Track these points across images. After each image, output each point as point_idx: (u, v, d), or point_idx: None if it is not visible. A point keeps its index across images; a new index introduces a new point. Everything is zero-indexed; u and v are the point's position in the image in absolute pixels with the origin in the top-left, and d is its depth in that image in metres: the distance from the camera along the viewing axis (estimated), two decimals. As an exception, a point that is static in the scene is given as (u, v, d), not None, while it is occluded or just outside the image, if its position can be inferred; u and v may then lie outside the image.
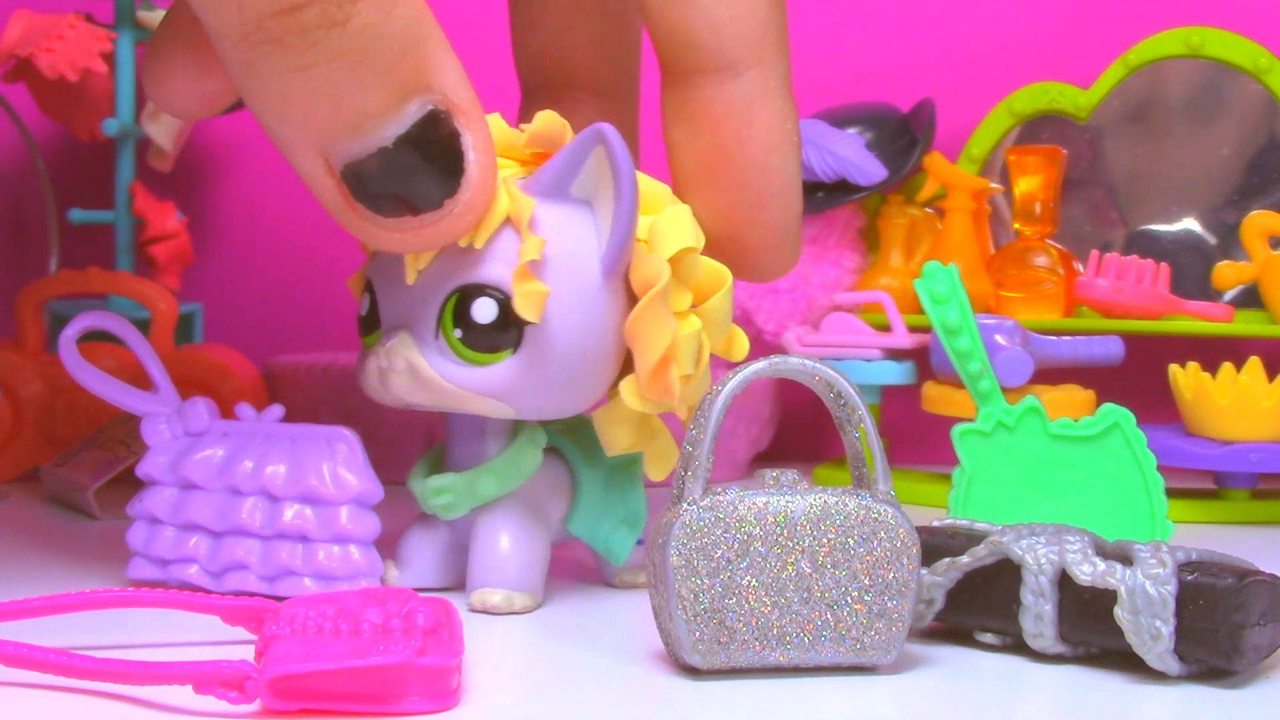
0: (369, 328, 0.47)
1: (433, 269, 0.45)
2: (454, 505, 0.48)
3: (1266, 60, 0.73)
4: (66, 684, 0.37)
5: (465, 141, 0.41)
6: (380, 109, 0.40)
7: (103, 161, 0.78)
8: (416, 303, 0.45)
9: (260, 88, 0.40)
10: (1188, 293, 0.72)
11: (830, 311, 0.72)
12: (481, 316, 0.45)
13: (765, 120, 0.47)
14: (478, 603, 0.47)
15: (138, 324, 0.52)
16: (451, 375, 0.45)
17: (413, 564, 0.49)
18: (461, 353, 0.45)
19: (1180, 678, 0.40)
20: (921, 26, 0.80)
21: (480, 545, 0.48)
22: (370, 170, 0.40)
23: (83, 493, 0.60)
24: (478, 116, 0.41)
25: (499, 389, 0.45)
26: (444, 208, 0.42)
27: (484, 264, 0.44)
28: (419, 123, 0.40)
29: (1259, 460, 0.63)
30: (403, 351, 0.45)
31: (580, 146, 0.45)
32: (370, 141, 0.40)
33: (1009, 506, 0.55)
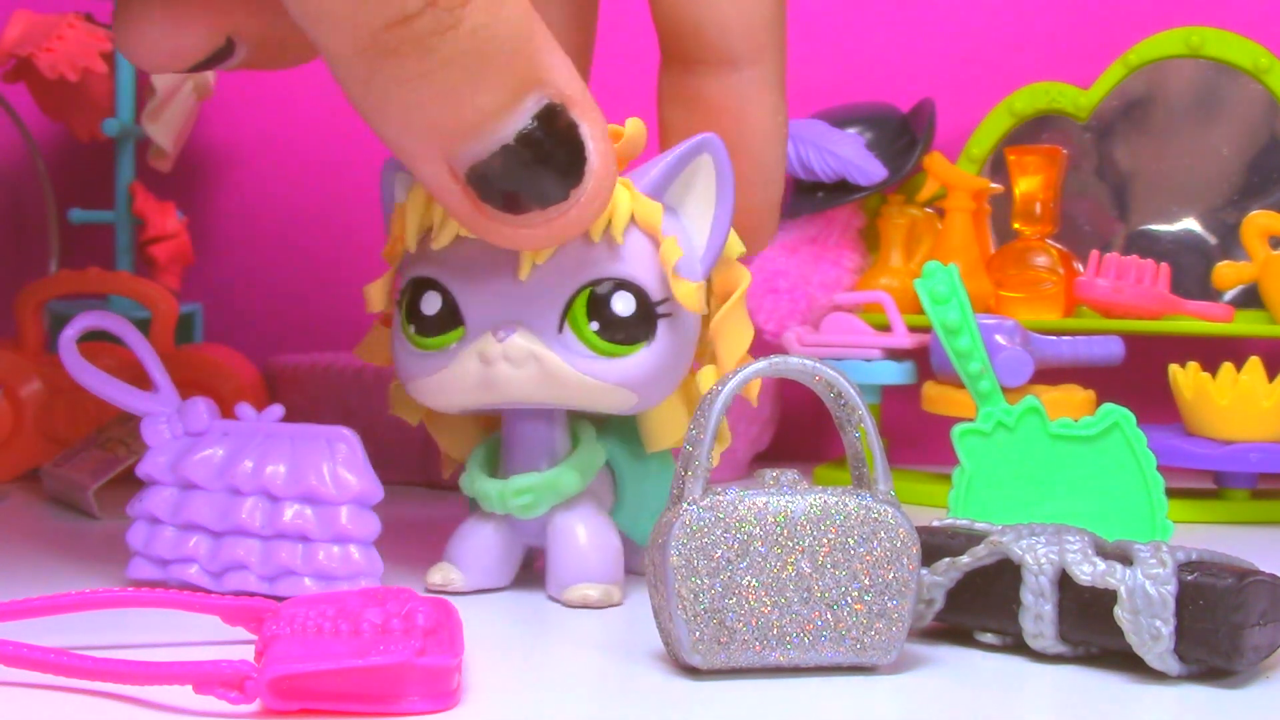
0: (442, 327, 0.47)
1: (554, 265, 0.45)
2: (536, 504, 0.48)
3: (1266, 60, 0.73)
4: (66, 684, 0.37)
5: (583, 131, 0.42)
6: (499, 108, 0.40)
7: (103, 161, 0.78)
8: (531, 298, 0.46)
9: (381, 100, 0.40)
10: (1188, 293, 0.72)
11: (830, 311, 0.72)
12: (622, 309, 0.46)
13: (760, 113, 0.49)
14: (577, 599, 0.47)
15: (138, 324, 0.52)
16: (584, 368, 0.46)
17: (476, 566, 0.49)
18: (596, 345, 0.46)
19: (1180, 678, 0.40)
20: (921, 26, 0.80)
21: (566, 542, 0.48)
22: (495, 169, 0.41)
23: (83, 493, 0.60)
24: (591, 106, 0.42)
25: (635, 379, 0.46)
26: (570, 199, 0.42)
27: (620, 259, 0.46)
28: (537, 117, 0.41)
29: (1259, 460, 0.63)
30: (526, 346, 0.45)
31: (686, 155, 0.47)
32: (492, 141, 0.41)
33: (1009, 506, 0.55)
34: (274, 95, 0.82)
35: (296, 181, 0.82)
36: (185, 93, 0.74)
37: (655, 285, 0.47)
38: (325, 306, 0.82)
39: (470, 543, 0.49)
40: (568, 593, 0.48)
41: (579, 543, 0.48)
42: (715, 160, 0.47)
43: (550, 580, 0.48)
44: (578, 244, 0.45)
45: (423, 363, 0.47)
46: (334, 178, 0.82)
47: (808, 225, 0.74)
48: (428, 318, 0.47)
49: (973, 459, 0.56)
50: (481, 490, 0.48)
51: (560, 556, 0.48)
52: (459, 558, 0.49)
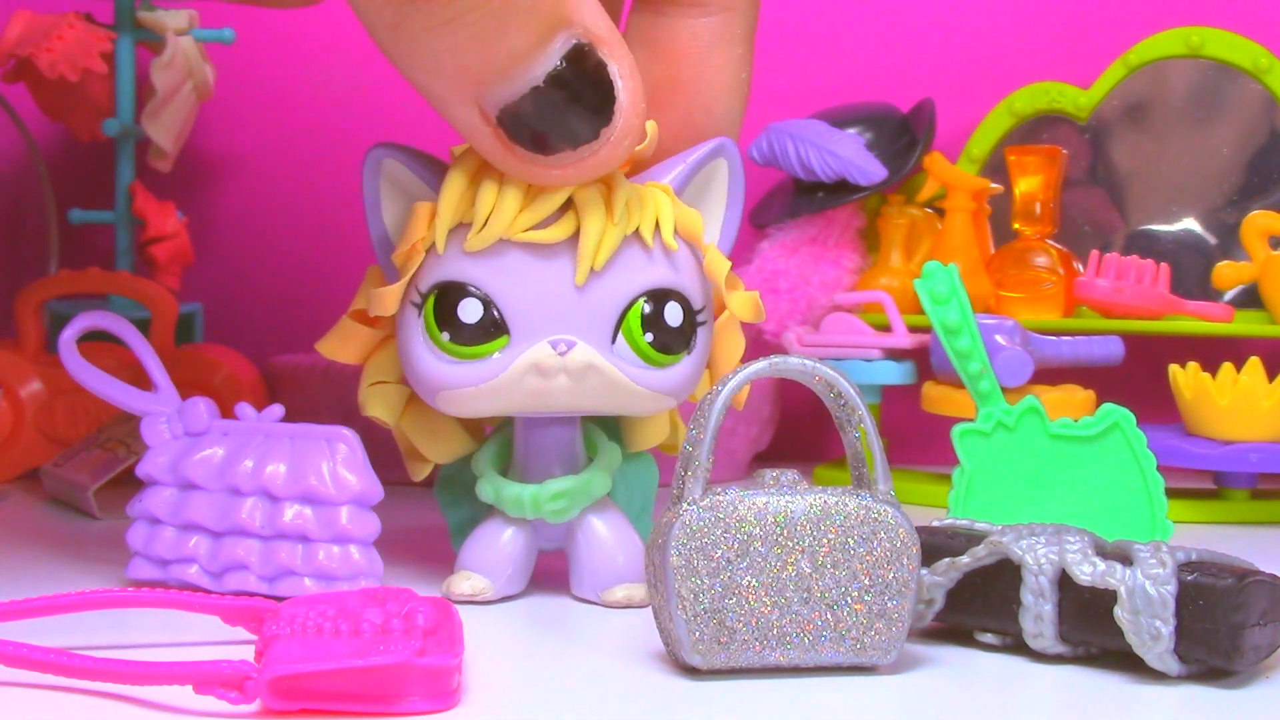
0: (484, 336, 0.45)
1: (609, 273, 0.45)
2: (570, 508, 0.48)
3: (1266, 60, 0.73)
4: (66, 684, 0.37)
5: (612, 70, 0.42)
6: (527, 49, 0.41)
7: (103, 161, 0.78)
8: (584, 308, 0.45)
9: (410, 47, 0.41)
10: (1188, 293, 0.72)
11: (830, 311, 0.72)
12: (674, 320, 0.46)
13: (723, 61, 0.49)
14: (621, 599, 0.48)
15: (138, 324, 0.52)
16: (638, 378, 0.46)
17: (502, 573, 0.48)
18: (649, 356, 0.46)
19: (1180, 678, 0.40)
20: (921, 26, 0.80)
21: (599, 544, 0.48)
22: (525, 110, 0.42)
23: (83, 493, 0.60)
24: (619, 44, 0.42)
25: (678, 387, 0.47)
26: (601, 137, 0.43)
27: (667, 269, 0.46)
28: (566, 57, 0.41)
29: (1259, 460, 0.63)
30: (586, 358, 0.45)
31: (705, 158, 0.48)
32: (522, 83, 0.41)
33: (1009, 506, 0.55)
34: (274, 96, 0.82)
35: (296, 182, 0.82)
36: (185, 93, 0.74)
37: (697, 294, 0.47)
38: (325, 306, 0.82)
39: (495, 550, 0.48)
40: (609, 594, 0.48)
41: (611, 543, 0.48)
42: (729, 164, 0.48)
43: (583, 582, 0.48)
44: (630, 253, 0.45)
45: (458, 371, 0.46)
46: (334, 178, 0.82)
47: (808, 225, 0.74)
48: (467, 325, 0.45)
49: (973, 459, 0.56)
50: (512, 496, 0.47)
51: (594, 558, 0.48)
52: (485, 566, 0.48)
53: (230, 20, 0.77)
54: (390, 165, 0.47)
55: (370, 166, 0.47)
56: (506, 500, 0.47)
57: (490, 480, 0.48)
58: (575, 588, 0.49)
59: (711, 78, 0.49)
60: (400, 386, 0.49)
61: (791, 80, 0.80)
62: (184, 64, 0.73)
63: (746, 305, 0.48)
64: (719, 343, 0.49)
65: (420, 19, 0.40)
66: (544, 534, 0.49)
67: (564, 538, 0.49)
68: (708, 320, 0.47)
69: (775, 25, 0.80)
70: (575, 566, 0.48)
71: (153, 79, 0.72)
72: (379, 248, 0.48)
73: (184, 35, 0.73)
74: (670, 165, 0.48)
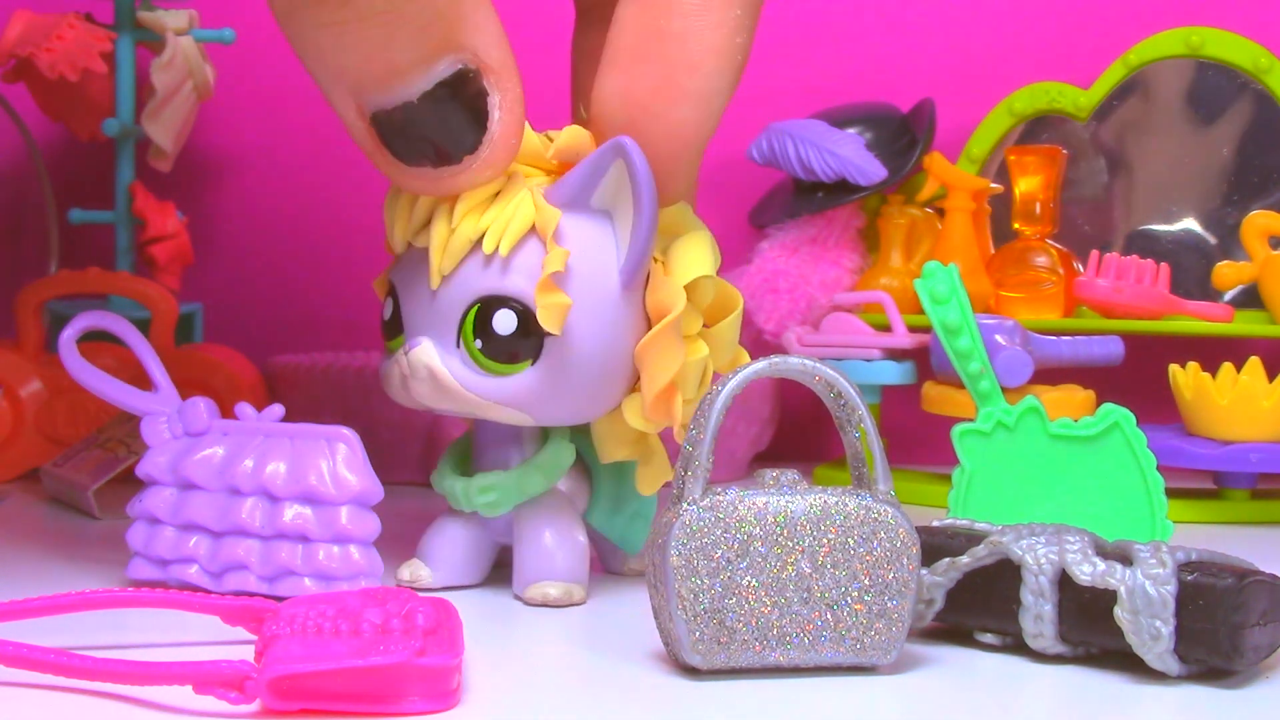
0: (392, 332, 0.48)
1: (456, 277, 0.46)
2: (500, 503, 0.48)
3: (1266, 60, 0.73)
4: (66, 684, 0.37)
5: (492, 101, 0.43)
6: (409, 66, 0.42)
7: (103, 161, 0.78)
8: (439, 310, 0.46)
9: (298, 36, 0.42)
10: (1188, 293, 0.72)
11: (830, 311, 0.72)
12: (502, 328, 0.45)
13: (719, 18, 0.45)
14: (537, 596, 0.48)
15: (138, 324, 0.52)
16: (471, 384, 0.46)
17: (445, 563, 0.49)
18: (481, 362, 0.46)
19: (1180, 678, 0.40)
20: (921, 26, 0.80)
21: (529, 541, 0.48)
22: (396, 120, 0.43)
23: (83, 493, 0.60)
24: (509, 76, 0.43)
25: (518, 399, 0.46)
26: (463, 163, 0.43)
27: (506, 275, 0.45)
28: (446, 81, 0.42)
29: (1259, 460, 0.63)
30: (424, 359, 0.46)
31: (600, 158, 0.45)
32: (397, 95, 0.42)
33: (1009, 506, 0.55)
34: (274, 96, 0.82)
35: (296, 181, 0.82)
36: (185, 93, 0.74)
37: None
38: (325, 306, 0.82)
39: (439, 540, 0.50)
40: (529, 590, 0.48)
41: (543, 541, 0.48)
42: (629, 162, 0.44)
43: (515, 578, 0.49)
44: (475, 259, 0.45)
45: (386, 365, 0.49)
46: (334, 178, 0.82)
47: (808, 225, 0.74)
48: (385, 322, 0.48)
49: (973, 459, 0.56)
50: (448, 488, 0.49)
51: (524, 554, 0.49)
52: (428, 554, 0.50)
53: (230, 20, 0.77)
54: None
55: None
56: (447, 492, 0.49)
57: (440, 471, 0.50)
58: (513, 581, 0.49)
59: (702, 34, 0.45)
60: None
61: (791, 80, 0.80)
62: (184, 64, 0.73)
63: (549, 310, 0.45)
64: (646, 357, 0.46)
65: (309, 15, 0.41)
66: (492, 528, 0.50)
67: (508, 532, 0.49)
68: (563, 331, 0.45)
69: (775, 25, 0.80)
70: (513, 562, 0.49)
71: (153, 79, 0.72)
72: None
73: (184, 35, 0.73)
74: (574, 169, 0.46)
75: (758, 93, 0.80)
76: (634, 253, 0.45)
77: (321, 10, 0.41)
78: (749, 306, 0.73)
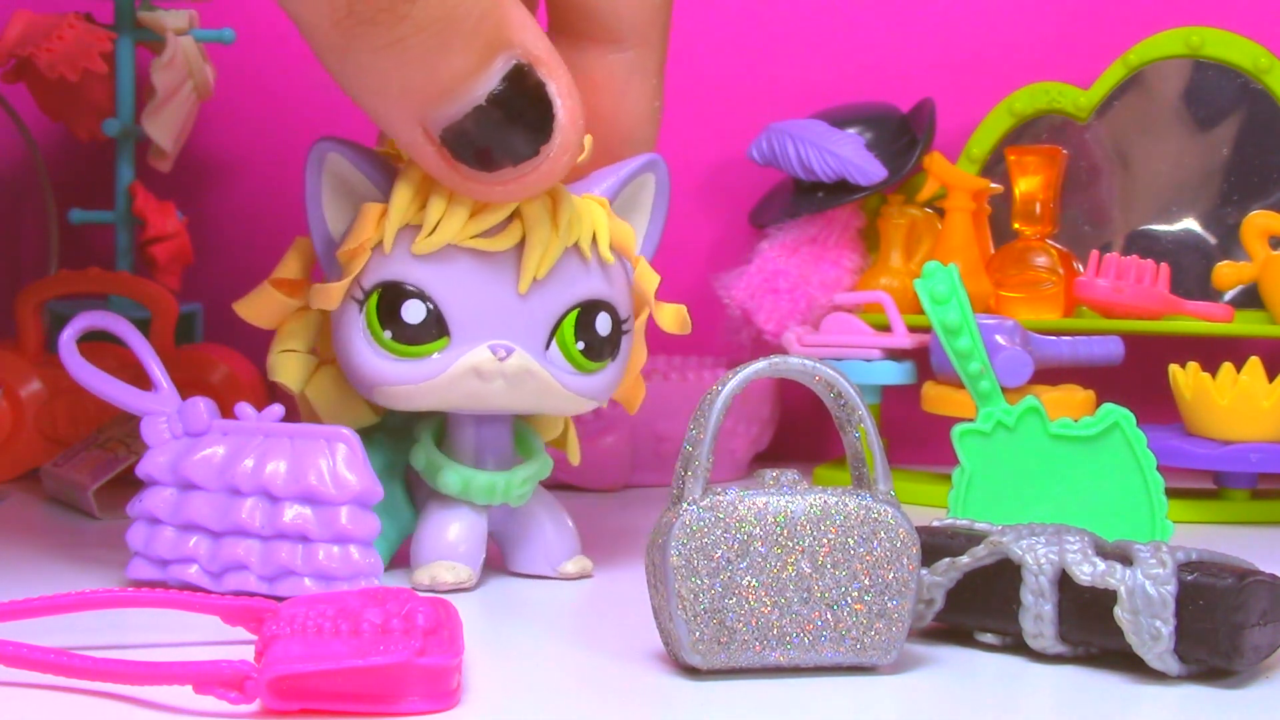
0: (426, 336, 0.47)
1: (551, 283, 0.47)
2: (530, 493, 0.51)
3: (1266, 60, 0.73)
4: (66, 684, 0.37)
5: (551, 89, 0.44)
6: (470, 70, 0.43)
7: (103, 161, 0.78)
8: (523, 316, 0.47)
9: (357, 68, 0.42)
10: (1188, 293, 0.72)
11: (830, 311, 0.72)
12: (604, 329, 0.48)
13: (639, 94, 0.52)
14: (576, 570, 0.51)
15: (138, 324, 0.52)
16: (568, 383, 0.48)
17: (476, 559, 0.50)
18: (579, 363, 0.48)
19: (1180, 678, 0.40)
20: (921, 26, 0.80)
21: (549, 522, 0.51)
22: (468, 129, 0.43)
23: (83, 493, 0.60)
24: (558, 65, 0.44)
25: (601, 392, 0.50)
26: (540, 154, 0.44)
27: (600, 280, 0.48)
28: (506, 78, 0.43)
29: (1259, 460, 0.63)
30: (524, 365, 0.47)
31: (636, 170, 0.51)
32: (465, 102, 0.43)
33: (1009, 506, 0.55)
34: (274, 96, 0.82)
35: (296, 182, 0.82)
36: (185, 93, 0.74)
37: (624, 304, 0.49)
38: (325, 306, 0.82)
39: (468, 538, 0.50)
40: (564, 567, 0.51)
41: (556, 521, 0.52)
42: (658, 179, 0.51)
43: (534, 559, 0.51)
44: (567, 264, 0.48)
45: (398, 368, 0.47)
46: (334, 178, 0.82)
47: (808, 225, 0.74)
48: (410, 326, 0.47)
49: (973, 459, 0.56)
50: (483, 484, 0.49)
51: (545, 536, 0.51)
52: (459, 554, 0.49)
53: (230, 20, 0.77)
54: (334, 160, 0.49)
55: (314, 160, 0.49)
56: (477, 489, 0.49)
57: (456, 471, 0.49)
58: (524, 565, 0.51)
59: (629, 108, 0.51)
60: (308, 356, 0.51)
61: (791, 80, 0.80)
62: (184, 64, 0.73)
63: (673, 318, 0.51)
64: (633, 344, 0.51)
65: (367, 40, 0.41)
66: (493, 518, 0.51)
67: (502, 521, 0.51)
68: (630, 329, 0.50)
69: (775, 25, 0.80)
70: (524, 546, 0.51)
71: (153, 79, 0.72)
72: (318, 239, 0.49)
73: (184, 35, 0.73)
74: (603, 176, 0.50)
75: (758, 93, 0.80)
76: (647, 252, 0.51)
77: (379, 32, 0.41)
78: (749, 306, 0.73)
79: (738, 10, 0.80)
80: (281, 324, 0.51)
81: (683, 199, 0.79)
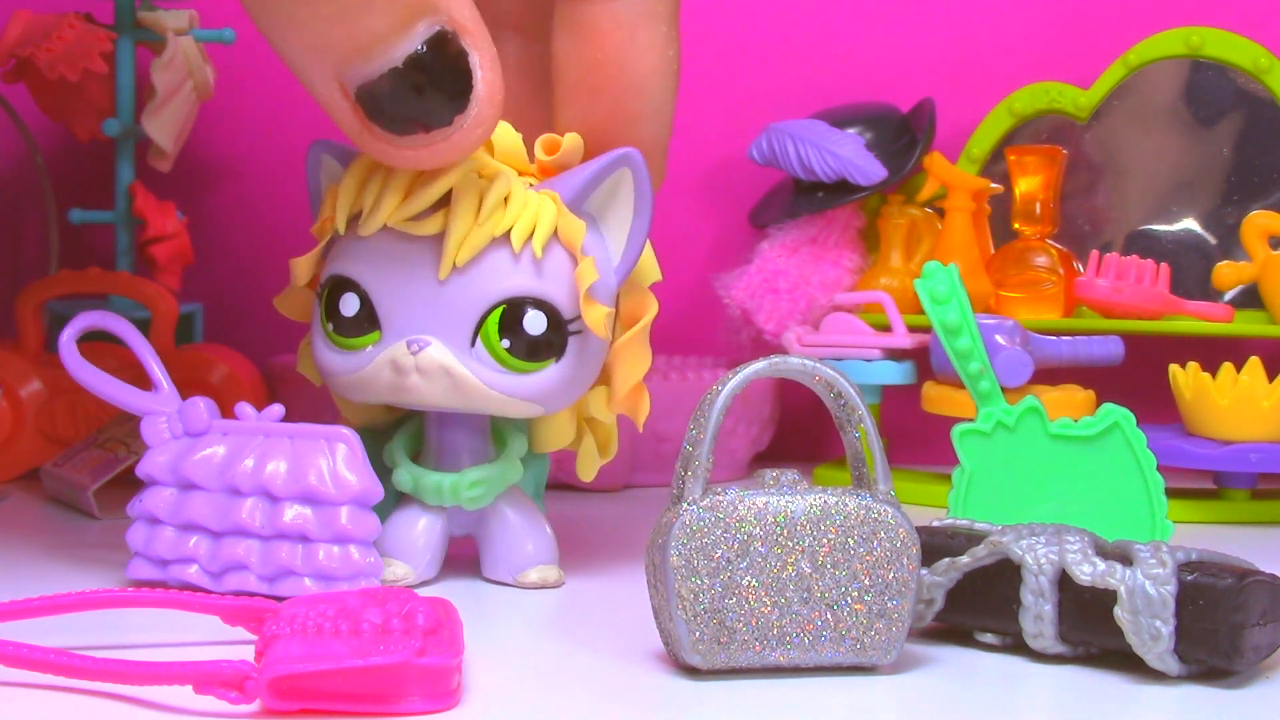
0: (360, 329, 0.48)
1: (473, 274, 0.46)
2: (487, 494, 0.49)
3: (1266, 60, 0.73)
4: (66, 684, 0.37)
5: (473, 60, 0.43)
6: (389, 30, 0.42)
7: (103, 161, 0.78)
8: (449, 307, 0.47)
9: (279, 20, 0.42)
10: (1188, 293, 0.72)
11: (830, 311, 0.72)
12: (534, 328, 0.47)
13: (648, 41, 0.49)
14: (538, 579, 0.50)
15: (138, 324, 0.52)
16: (493, 382, 0.47)
17: (421, 559, 0.50)
18: (507, 361, 0.47)
19: (1180, 678, 0.40)
20: (921, 26, 0.80)
21: (518, 528, 0.50)
22: (383, 90, 0.43)
23: (83, 493, 0.60)
24: (483, 37, 0.43)
25: (541, 394, 0.47)
26: (454, 124, 0.44)
27: (536, 275, 0.47)
28: (427, 42, 0.42)
29: (1259, 460, 0.63)
30: (440, 361, 0.47)
31: (606, 167, 0.48)
32: (381, 62, 0.42)
33: (1009, 506, 0.55)
34: (274, 96, 0.82)
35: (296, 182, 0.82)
36: (185, 93, 0.74)
37: (568, 303, 0.47)
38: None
39: (413, 536, 0.50)
40: (523, 576, 0.50)
41: (522, 528, 0.50)
42: (635, 174, 0.48)
43: (497, 566, 0.50)
44: (496, 256, 0.47)
45: (340, 360, 0.48)
46: (334, 178, 0.82)
47: (808, 225, 0.74)
48: (346, 319, 0.48)
49: (973, 459, 0.56)
50: (431, 484, 0.49)
51: (508, 543, 0.50)
52: (404, 552, 0.50)
53: (230, 20, 0.77)
54: (328, 161, 0.49)
55: (311, 163, 0.50)
56: (426, 488, 0.49)
57: (407, 469, 0.50)
58: (489, 571, 0.51)
59: (638, 59, 0.49)
60: None
61: (791, 80, 0.80)
62: (184, 64, 0.73)
63: (598, 321, 0.47)
64: (619, 359, 0.49)
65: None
66: (456, 520, 0.50)
67: (474, 523, 0.50)
68: (584, 330, 0.47)
69: (775, 25, 0.80)
70: (488, 551, 0.51)
71: (153, 79, 0.72)
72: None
73: (184, 35, 0.73)
74: (569, 176, 0.48)
75: (758, 93, 0.80)
76: (630, 255, 0.48)
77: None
78: (749, 306, 0.73)
79: (738, 10, 0.80)
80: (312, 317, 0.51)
81: (683, 199, 0.79)
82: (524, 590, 0.50)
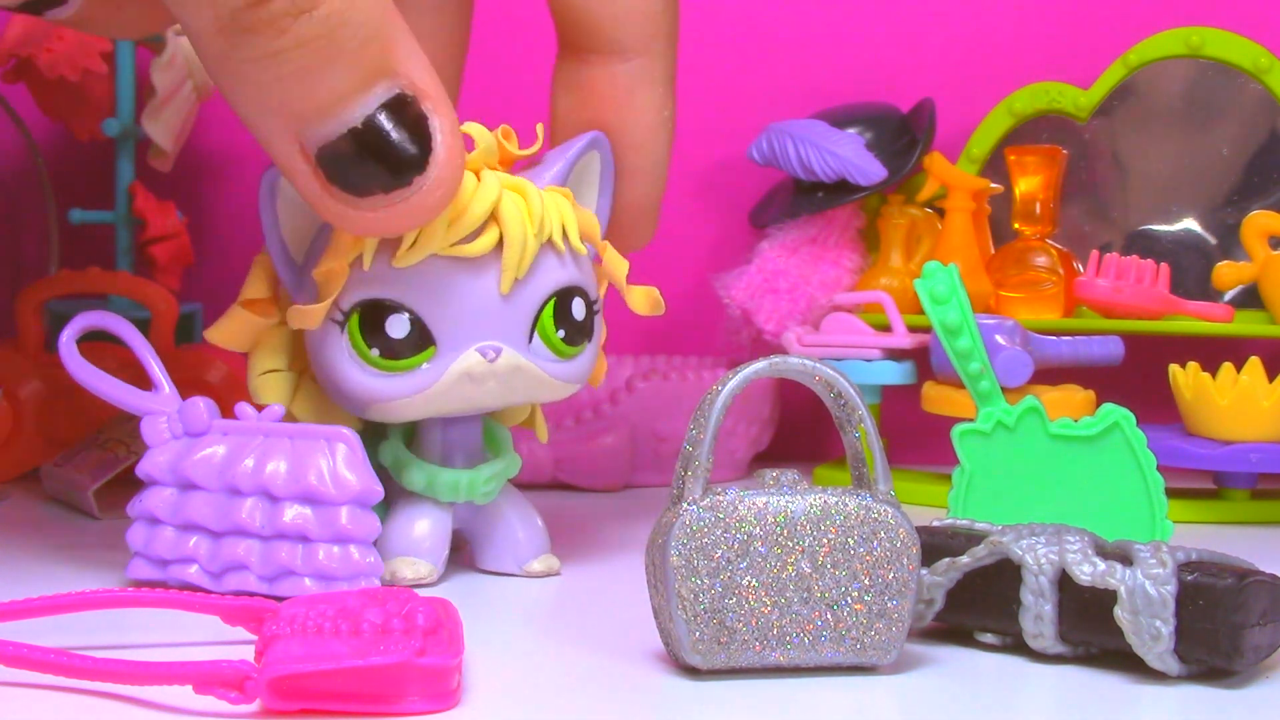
0: (415, 348, 0.47)
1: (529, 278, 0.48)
2: (496, 490, 0.51)
3: (1266, 60, 0.73)
4: (66, 684, 0.37)
5: (433, 124, 0.43)
6: (350, 90, 0.42)
7: (103, 161, 0.78)
8: (510, 312, 0.48)
9: (236, 76, 0.42)
10: (1188, 293, 0.72)
11: (830, 311, 0.72)
12: (579, 314, 0.49)
13: (646, 104, 0.52)
14: (543, 568, 0.51)
15: (138, 324, 0.52)
16: (553, 371, 0.49)
17: (439, 555, 0.50)
18: (560, 349, 0.49)
19: (1180, 678, 0.40)
20: (921, 26, 0.80)
21: (516, 519, 0.52)
22: (343, 151, 0.43)
23: (83, 493, 0.60)
24: (444, 102, 0.44)
25: (581, 373, 0.50)
26: (413, 185, 0.44)
27: (570, 268, 0.49)
28: (387, 104, 0.43)
29: (1259, 460, 0.63)
30: (512, 361, 0.48)
31: (579, 151, 0.51)
32: (341, 123, 0.42)
33: (1009, 506, 0.55)
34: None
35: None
36: (185, 93, 0.74)
37: (593, 287, 0.50)
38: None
39: (430, 534, 0.50)
40: (534, 564, 0.51)
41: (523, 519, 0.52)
42: (602, 157, 0.51)
43: (503, 558, 0.51)
44: (544, 257, 0.48)
45: (390, 384, 0.48)
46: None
47: (808, 225, 0.74)
48: (395, 340, 0.47)
49: (973, 459, 0.56)
50: (447, 482, 0.50)
51: (510, 534, 0.51)
52: (424, 550, 0.50)
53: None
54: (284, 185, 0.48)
55: (266, 190, 0.48)
56: (442, 486, 0.50)
57: (421, 468, 0.50)
58: (490, 563, 0.52)
59: (635, 120, 0.52)
60: (289, 373, 0.51)
61: (791, 80, 0.80)
62: (184, 64, 0.73)
63: (645, 300, 0.52)
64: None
65: (249, 50, 0.41)
66: (459, 516, 0.51)
67: (469, 518, 0.51)
68: (600, 309, 0.51)
69: (776, 26, 0.80)
70: (488, 543, 0.52)
71: (153, 79, 0.72)
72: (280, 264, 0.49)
73: (184, 35, 0.73)
74: (551, 161, 0.50)
75: (758, 93, 0.80)
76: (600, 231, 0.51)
77: (259, 41, 0.41)
78: (749, 307, 0.73)
79: (738, 11, 0.80)
80: (255, 345, 0.50)
81: (683, 199, 0.79)
82: (523, 589, 0.50)
